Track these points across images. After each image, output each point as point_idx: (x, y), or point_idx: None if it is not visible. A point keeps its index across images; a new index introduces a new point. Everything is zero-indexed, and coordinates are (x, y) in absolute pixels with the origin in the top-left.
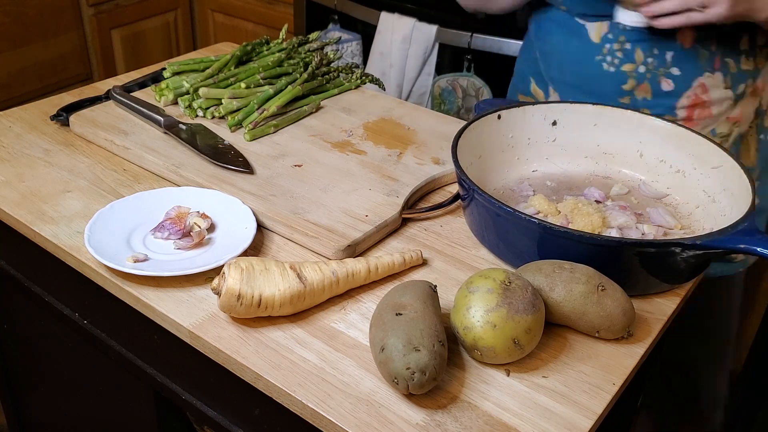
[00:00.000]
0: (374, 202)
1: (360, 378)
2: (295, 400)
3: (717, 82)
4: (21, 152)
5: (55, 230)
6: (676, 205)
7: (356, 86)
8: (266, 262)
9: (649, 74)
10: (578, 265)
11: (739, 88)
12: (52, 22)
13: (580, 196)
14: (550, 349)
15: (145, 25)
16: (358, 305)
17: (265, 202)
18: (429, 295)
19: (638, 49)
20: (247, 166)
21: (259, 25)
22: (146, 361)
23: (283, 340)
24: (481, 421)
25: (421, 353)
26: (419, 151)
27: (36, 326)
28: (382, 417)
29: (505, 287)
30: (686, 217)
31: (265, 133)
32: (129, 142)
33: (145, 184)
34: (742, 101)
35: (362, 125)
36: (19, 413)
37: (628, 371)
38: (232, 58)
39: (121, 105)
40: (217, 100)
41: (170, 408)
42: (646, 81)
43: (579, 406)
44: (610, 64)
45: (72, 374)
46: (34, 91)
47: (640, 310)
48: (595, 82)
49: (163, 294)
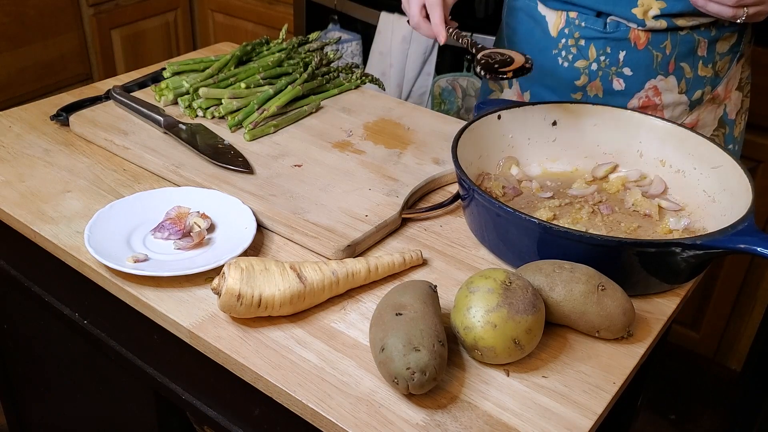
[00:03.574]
0: (374, 202)
1: (360, 378)
2: (295, 400)
3: (670, 85)
4: (21, 152)
5: (55, 230)
6: (676, 203)
7: (356, 86)
8: (266, 262)
9: (601, 72)
10: (578, 265)
11: (696, 94)
12: (52, 22)
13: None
14: (550, 349)
15: (145, 25)
16: (358, 305)
17: (265, 202)
18: (429, 295)
19: (592, 47)
20: (246, 166)
21: (259, 25)
22: (146, 360)
23: (283, 340)
24: (481, 421)
25: (421, 353)
26: (419, 151)
27: (36, 326)
28: (382, 417)
29: (506, 287)
30: (686, 217)
31: (265, 133)
32: (129, 142)
33: (145, 184)
34: (699, 108)
35: (362, 125)
36: (19, 413)
37: (628, 371)
38: (232, 58)
39: (121, 105)
40: (217, 100)
41: (170, 408)
42: (598, 79)
43: (579, 406)
44: (564, 59)
45: (72, 374)
46: (34, 91)
47: (640, 310)
48: (551, 75)
49: (163, 294)
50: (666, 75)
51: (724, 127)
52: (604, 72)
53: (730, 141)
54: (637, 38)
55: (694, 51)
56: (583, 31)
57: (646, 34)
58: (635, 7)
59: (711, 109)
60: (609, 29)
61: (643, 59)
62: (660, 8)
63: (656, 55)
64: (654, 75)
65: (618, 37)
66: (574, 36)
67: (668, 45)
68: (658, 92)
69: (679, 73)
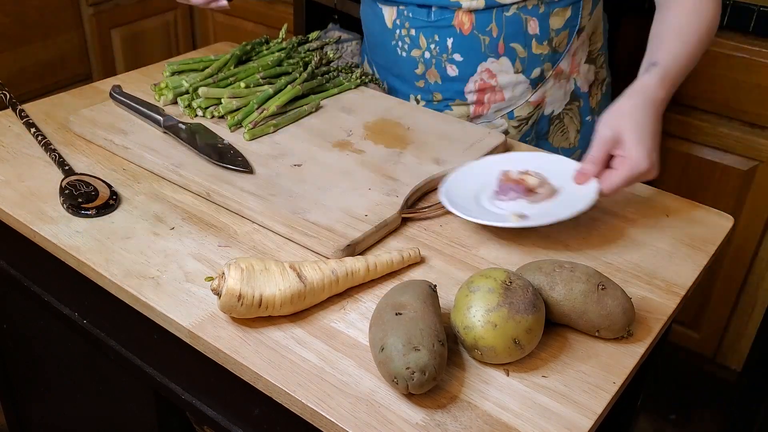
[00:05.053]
0: (374, 201)
1: (360, 378)
2: (294, 400)
3: (504, 67)
4: (21, 152)
5: (54, 230)
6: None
7: (356, 86)
8: (266, 262)
9: (434, 60)
10: (578, 264)
11: (534, 72)
12: (51, 21)
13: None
14: (550, 349)
15: (144, 24)
16: (358, 305)
17: (265, 201)
18: (429, 294)
19: (421, 36)
20: (246, 165)
21: (258, 25)
22: (146, 360)
23: (282, 340)
24: (481, 420)
25: (420, 353)
26: (419, 151)
27: (36, 326)
28: (382, 417)
29: (506, 287)
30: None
31: (265, 133)
32: (128, 142)
33: (145, 183)
34: (544, 84)
35: (362, 125)
36: (18, 413)
37: (628, 371)
38: (232, 57)
39: (120, 104)
40: (217, 99)
41: (170, 408)
42: (433, 66)
43: (579, 406)
44: (402, 49)
45: (72, 374)
46: (33, 90)
47: (640, 309)
48: (396, 65)
49: (163, 293)
50: (497, 57)
51: (578, 101)
52: (437, 59)
53: (587, 113)
54: (461, 24)
55: (523, 30)
56: (412, 21)
57: (470, 18)
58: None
59: (560, 85)
60: (434, 18)
61: (471, 44)
62: None
63: (483, 38)
64: (485, 58)
65: (443, 25)
66: (405, 26)
67: (494, 28)
68: (492, 74)
69: (512, 54)
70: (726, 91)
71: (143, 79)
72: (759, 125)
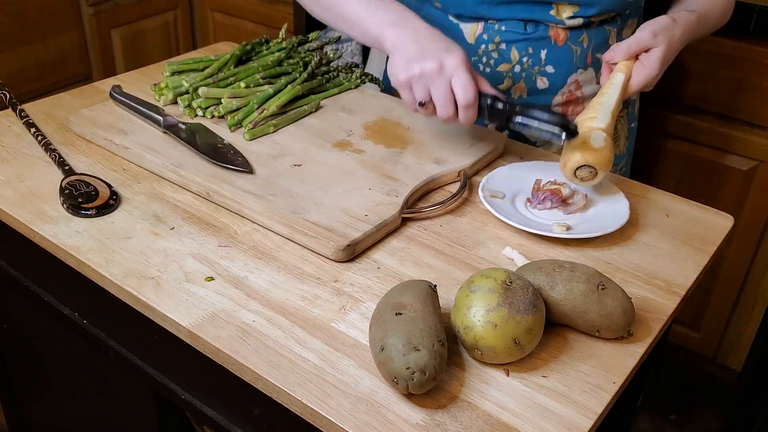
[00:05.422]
0: (374, 201)
1: (359, 378)
2: (294, 400)
3: (589, 77)
4: (21, 152)
5: (54, 230)
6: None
7: (356, 86)
8: None
9: (525, 73)
10: (578, 264)
11: None
12: (51, 21)
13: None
14: (550, 349)
15: (144, 24)
16: (358, 305)
17: (265, 201)
18: (429, 294)
19: (513, 49)
20: (246, 165)
21: (258, 25)
22: (146, 360)
23: (282, 340)
24: (481, 420)
25: (420, 353)
26: (419, 151)
27: (36, 326)
28: (382, 417)
29: (506, 287)
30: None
31: (265, 133)
32: (128, 142)
33: (145, 183)
34: None
35: (362, 125)
36: (18, 413)
37: (628, 371)
38: (232, 57)
39: (120, 104)
40: (217, 99)
41: (170, 408)
42: (522, 80)
43: (579, 406)
44: (486, 65)
45: (72, 374)
46: (33, 90)
47: (640, 309)
48: None
49: (163, 293)
50: (585, 68)
51: (628, 108)
52: (528, 72)
53: (632, 120)
54: (557, 36)
55: (606, 41)
56: (504, 35)
57: (564, 31)
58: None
59: None
60: (529, 30)
61: (564, 55)
62: (573, 12)
63: (575, 49)
64: (575, 69)
65: (539, 36)
66: (495, 41)
67: (585, 38)
68: (579, 86)
69: (597, 65)
70: (726, 91)
71: (143, 79)
72: (759, 125)
